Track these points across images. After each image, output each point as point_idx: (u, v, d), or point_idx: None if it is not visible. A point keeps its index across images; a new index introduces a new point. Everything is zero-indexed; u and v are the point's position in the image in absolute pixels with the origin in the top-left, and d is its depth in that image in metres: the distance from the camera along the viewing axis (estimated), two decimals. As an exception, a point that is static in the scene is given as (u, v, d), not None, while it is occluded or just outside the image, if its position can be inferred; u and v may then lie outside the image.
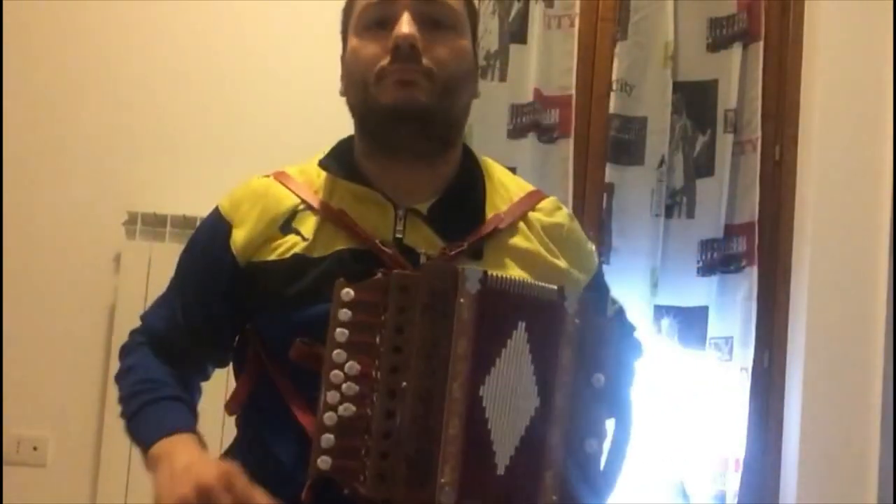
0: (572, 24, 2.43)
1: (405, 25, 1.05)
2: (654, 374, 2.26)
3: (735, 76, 2.43)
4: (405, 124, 1.06)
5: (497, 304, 0.96)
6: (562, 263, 1.12)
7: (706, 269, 2.42)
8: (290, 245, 1.08)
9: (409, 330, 0.93)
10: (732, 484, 2.35)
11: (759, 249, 2.40)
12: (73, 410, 2.31)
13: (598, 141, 2.45)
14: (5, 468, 2.29)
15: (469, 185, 1.14)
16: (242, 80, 2.43)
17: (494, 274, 0.98)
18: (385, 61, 1.06)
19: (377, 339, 0.94)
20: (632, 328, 1.24)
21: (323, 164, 1.14)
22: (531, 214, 1.14)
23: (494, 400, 0.95)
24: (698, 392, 2.38)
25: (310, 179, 1.14)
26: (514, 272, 1.06)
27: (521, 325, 0.97)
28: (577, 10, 2.44)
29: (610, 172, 2.41)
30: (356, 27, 1.10)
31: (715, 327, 2.41)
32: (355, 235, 1.07)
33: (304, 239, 1.08)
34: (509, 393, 0.96)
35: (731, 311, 2.40)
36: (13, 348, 2.31)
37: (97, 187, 2.37)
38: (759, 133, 2.43)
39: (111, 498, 2.25)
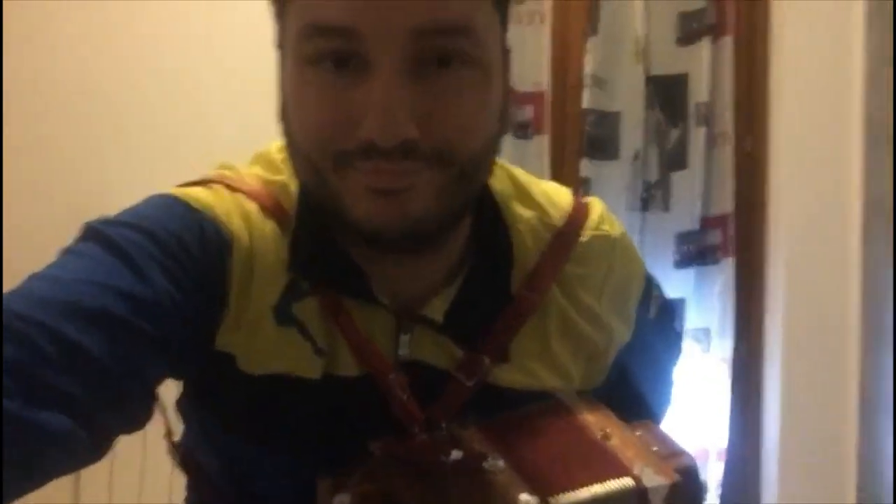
0: (542, 20, 2.43)
1: (386, 103, 0.61)
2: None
3: (706, 70, 2.44)
4: (391, 241, 0.67)
5: None
6: (602, 326, 0.84)
7: (683, 262, 2.43)
8: (296, 354, 0.71)
9: None
10: (714, 474, 2.36)
11: (735, 241, 2.42)
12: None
13: (573, 136, 2.45)
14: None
15: (493, 260, 0.79)
16: (245, 80, 2.40)
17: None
18: (351, 147, 0.64)
19: None
20: (672, 321, 0.99)
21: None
22: (566, 270, 0.82)
23: None
24: (678, 383, 2.38)
25: (286, 221, 0.74)
26: (548, 358, 0.80)
27: None
28: (548, 6, 2.44)
29: (585, 167, 2.41)
30: (298, 45, 0.65)
31: (693, 319, 2.42)
32: (362, 357, 0.73)
33: (317, 349, 0.72)
34: None
35: (709, 302, 2.41)
36: None
37: (97, 187, 2.35)
38: (730, 125, 2.44)
39: (94, 498, 2.22)
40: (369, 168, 0.63)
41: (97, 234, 0.67)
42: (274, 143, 0.78)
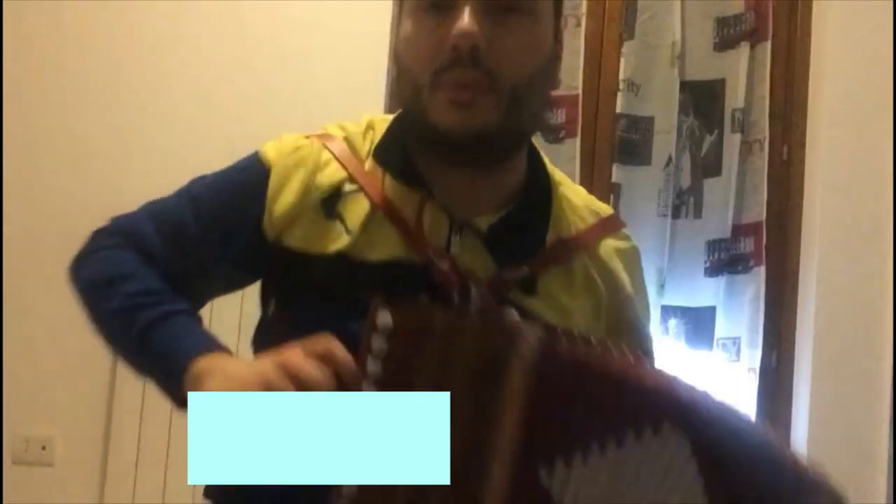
0: (579, 24, 2.43)
1: (466, 19, 0.89)
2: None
3: (742, 76, 2.42)
4: (462, 148, 0.92)
5: (563, 376, 0.76)
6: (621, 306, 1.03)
7: (713, 270, 2.41)
8: (333, 237, 0.95)
9: (449, 390, 0.76)
10: (740, 485, 2.34)
11: (766, 249, 2.39)
12: (81, 409, 2.32)
13: (604, 141, 2.44)
14: (13, 467, 2.30)
15: (536, 202, 1.00)
16: (248, 81, 2.43)
17: (561, 333, 0.78)
18: (442, 62, 0.90)
19: (414, 379, 0.77)
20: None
21: (379, 156, 0.99)
22: (602, 243, 1.02)
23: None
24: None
25: (357, 151, 1.01)
26: (572, 305, 0.97)
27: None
28: (584, 9, 2.43)
29: (617, 172, 2.41)
30: (412, 4, 0.95)
31: (722, 328, 2.40)
32: (409, 242, 0.94)
33: (347, 231, 0.95)
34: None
35: (739, 311, 2.39)
36: (20, 348, 2.32)
37: (99, 186, 2.38)
38: (766, 133, 2.42)
39: (119, 497, 2.26)
40: (452, 81, 0.90)
41: (186, 188, 1.06)
42: (366, 115, 1.06)
